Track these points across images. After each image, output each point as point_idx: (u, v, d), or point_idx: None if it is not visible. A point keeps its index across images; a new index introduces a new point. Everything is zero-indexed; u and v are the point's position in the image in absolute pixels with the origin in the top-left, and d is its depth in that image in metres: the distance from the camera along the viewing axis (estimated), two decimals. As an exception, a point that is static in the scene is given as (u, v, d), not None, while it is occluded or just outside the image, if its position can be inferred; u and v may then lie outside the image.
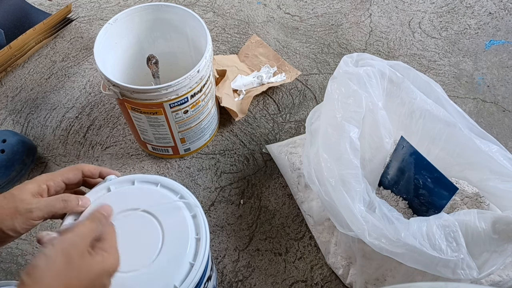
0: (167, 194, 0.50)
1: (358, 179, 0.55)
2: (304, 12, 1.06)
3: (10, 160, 0.74)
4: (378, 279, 0.62)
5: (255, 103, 0.88)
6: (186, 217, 0.48)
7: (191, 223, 0.48)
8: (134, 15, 0.73)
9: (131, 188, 0.50)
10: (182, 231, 0.47)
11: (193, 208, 0.49)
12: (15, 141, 0.75)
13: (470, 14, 1.05)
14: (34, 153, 0.79)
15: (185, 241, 0.46)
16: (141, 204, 0.48)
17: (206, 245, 0.46)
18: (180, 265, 0.45)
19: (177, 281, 0.44)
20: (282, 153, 0.78)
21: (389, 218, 0.53)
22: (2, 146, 0.74)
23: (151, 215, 0.48)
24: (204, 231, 0.47)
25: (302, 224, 0.73)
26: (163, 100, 0.65)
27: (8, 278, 0.68)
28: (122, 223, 0.46)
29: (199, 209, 0.49)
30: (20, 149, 0.75)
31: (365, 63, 0.65)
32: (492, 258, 0.51)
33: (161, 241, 0.46)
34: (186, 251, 0.45)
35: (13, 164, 0.75)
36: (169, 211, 0.48)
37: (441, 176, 0.57)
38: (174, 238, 0.46)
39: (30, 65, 0.95)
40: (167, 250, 0.45)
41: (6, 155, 0.74)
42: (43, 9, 1.02)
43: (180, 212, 0.48)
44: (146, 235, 0.46)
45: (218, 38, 1.00)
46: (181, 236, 0.46)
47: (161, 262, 0.45)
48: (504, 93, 0.90)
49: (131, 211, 0.48)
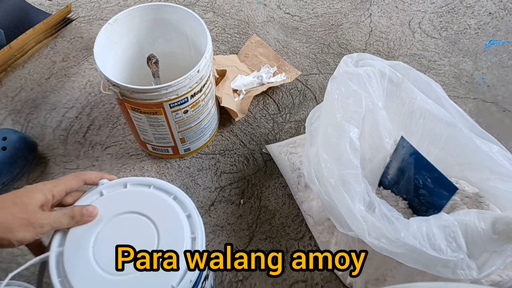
0: (160, 196, 0.50)
1: (358, 179, 0.55)
2: (304, 12, 1.06)
3: (13, 157, 0.74)
4: (378, 279, 0.62)
5: (255, 103, 0.88)
6: (180, 217, 0.48)
7: (186, 222, 0.48)
8: (134, 15, 0.73)
9: (124, 191, 0.50)
10: (177, 231, 0.47)
11: (188, 208, 0.49)
12: (16, 138, 0.75)
13: (470, 14, 1.05)
14: (35, 149, 0.79)
15: (181, 241, 0.46)
16: (135, 206, 0.48)
17: (202, 244, 0.47)
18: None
19: (174, 281, 0.44)
20: (282, 153, 0.78)
21: (389, 218, 0.53)
22: (3, 143, 0.74)
23: (146, 217, 0.48)
24: (199, 230, 0.47)
25: (302, 224, 0.73)
26: (163, 100, 0.65)
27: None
28: (117, 226, 0.47)
29: (193, 209, 0.49)
30: (21, 146, 0.75)
31: (365, 63, 0.65)
32: (492, 258, 0.51)
33: (156, 242, 0.46)
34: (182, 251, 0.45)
35: (16, 161, 0.75)
36: (163, 212, 0.48)
37: (441, 176, 0.57)
38: (169, 238, 0.46)
39: (30, 65, 0.95)
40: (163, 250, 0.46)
41: (9, 152, 0.74)
42: (43, 9, 1.02)
43: (174, 212, 0.48)
44: (141, 236, 0.46)
45: (218, 38, 1.00)
46: (177, 236, 0.46)
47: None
48: (504, 93, 0.90)
49: (126, 214, 0.48)
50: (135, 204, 0.49)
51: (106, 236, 0.46)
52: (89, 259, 0.45)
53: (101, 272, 0.44)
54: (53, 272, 0.44)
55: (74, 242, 0.46)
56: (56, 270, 0.44)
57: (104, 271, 0.44)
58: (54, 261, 0.45)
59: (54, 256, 0.45)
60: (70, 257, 0.45)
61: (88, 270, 0.44)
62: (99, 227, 0.47)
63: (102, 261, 0.45)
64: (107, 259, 0.45)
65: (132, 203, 0.49)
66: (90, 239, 0.46)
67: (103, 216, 0.48)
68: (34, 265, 0.46)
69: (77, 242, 0.46)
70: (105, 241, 0.46)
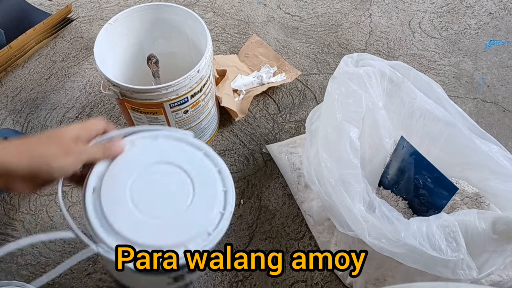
0: (192, 150, 0.52)
1: (358, 179, 0.55)
2: (304, 12, 1.06)
3: None
4: (378, 279, 0.62)
5: (255, 103, 0.88)
6: (212, 171, 0.50)
7: (217, 177, 0.50)
8: (134, 15, 0.73)
9: (156, 143, 0.52)
10: (210, 184, 0.49)
11: (218, 163, 0.51)
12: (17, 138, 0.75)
13: (470, 14, 1.05)
14: None
15: (214, 193, 0.49)
16: (168, 157, 0.50)
17: (233, 197, 0.49)
18: (211, 214, 0.47)
19: (210, 229, 0.46)
20: (282, 153, 0.78)
21: (389, 218, 0.53)
22: (3, 144, 0.74)
23: (180, 168, 0.50)
24: (230, 184, 0.50)
25: (302, 224, 0.73)
26: (163, 100, 0.65)
27: (8, 278, 0.68)
28: (152, 173, 0.48)
29: (223, 164, 0.51)
30: None
31: (365, 63, 0.65)
32: (492, 258, 0.51)
33: (192, 193, 0.48)
34: (216, 202, 0.48)
35: None
36: (196, 165, 0.51)
37: (441, 176, 0.57)
38: (204, 190, 0.49)
39: (30, 65, 0.95)
40: (198, 201, 0.48)
41: None
42: (43, 9, 1.02)
43: (206, 167, 0.51)
44: (177, 186, 0.49)
45: (218, 38, 1.00)
46: (210, 188, 0.49)
47: (194, 211, 0.47)
48: (504, 93, 0.90)
49: (160, 164, 0.49)
50: (168, 155, 0.50)
51: (142, 181, 0.47)
52: (126, 200, 0.46)
53: (138, 214, 0.45)
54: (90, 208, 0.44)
55: (111, 184, 0.47)
56: (93, 208, 0.45)
57: (141, 213, 0.46)
58: (91, 198, 0.45)
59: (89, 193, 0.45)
60: (107, 197, 0.45)
61: (125, 210, 0.45)
62: (134, 173, 0.48)
63: (140, 203, 0.46)
64: (144, 202, 0.46)
65: (165, 154, 0.50)
66: (127, 183, 0.47)
67: (137, 163, 0.48)
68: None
69: (113, 184, 0.47)
70: (142, 186, 0.47)
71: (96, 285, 0.67)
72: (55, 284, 0.67)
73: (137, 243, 0.44)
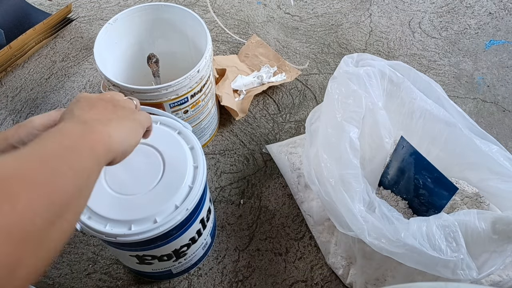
0: (166, 130, 0.56)
1: (358, 179, 0.55)
2: (304, 12, 1.06)
3: None
4: (378, 279, 0.62)
5: (255, 103, 0.88)
6: (184, 149, 0.54)
7: (189, 153, 0.54)
8: (134, 15, 0.73)
9: None
10: (181, 160, 0.53)
11: (190, 141, 0.55)
12: None
13: (470, 14, 1.05)
14: None
15: (184, 168, 0.52)
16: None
17: (203, 172, 0.52)
18: (180, 188, 0.50)
19: (178, 201, 0.50)
20: (282, 153, 0.78)
21: (389, 218, 0.53)
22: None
23: (153, 147, 0.53)
24: (201, 160, 0.53)
25: (302, 224, 0.73)
26: (163, 100, 0.65)
27: None
28: None
29: (196, 142, 0.55)
30: None
31: (365, 63, 0.65)
32: (492, 258, 0.51)
33: (162, 169, 0.52)
34: (185, 176, 0.51)
35: None
36: (169, 144, 0.54)
37: (441, 176, 0.57)
38: (174, 166, 0.52)
39: (30, 65, 0.95)
40: (168, 176, 0.51)
41: None
42: (43, 9, 1.02)
43: (179, 144, 0.54)
44: (149, 164, 0.52)
45: (218, 38, 1.00)
46: (180, 164, 0.52)
47: (164, 185, 0.51)
48: (504, 93, 0.90)
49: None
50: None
51: None
52: (100, 180, 0.49)
53: (110, 191, 0.49)
54: None
55: None
56: None
57: (114, 191, 0.50)
58: None
59: None
60: None
61: (99, 190, 0.49)
62: None
63: (112, 182, 0.50)
64: (117, 181, 0.50)
65: None
66: None
67: None
68: None
69: None
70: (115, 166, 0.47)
71: (96, 285, 0.67)
72: (55, 284, 0.67)
73: (110, 219, 0.48)
